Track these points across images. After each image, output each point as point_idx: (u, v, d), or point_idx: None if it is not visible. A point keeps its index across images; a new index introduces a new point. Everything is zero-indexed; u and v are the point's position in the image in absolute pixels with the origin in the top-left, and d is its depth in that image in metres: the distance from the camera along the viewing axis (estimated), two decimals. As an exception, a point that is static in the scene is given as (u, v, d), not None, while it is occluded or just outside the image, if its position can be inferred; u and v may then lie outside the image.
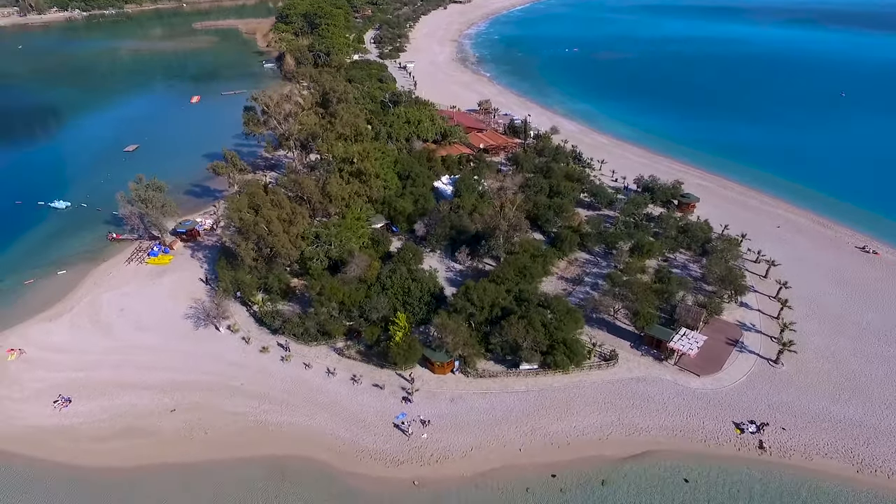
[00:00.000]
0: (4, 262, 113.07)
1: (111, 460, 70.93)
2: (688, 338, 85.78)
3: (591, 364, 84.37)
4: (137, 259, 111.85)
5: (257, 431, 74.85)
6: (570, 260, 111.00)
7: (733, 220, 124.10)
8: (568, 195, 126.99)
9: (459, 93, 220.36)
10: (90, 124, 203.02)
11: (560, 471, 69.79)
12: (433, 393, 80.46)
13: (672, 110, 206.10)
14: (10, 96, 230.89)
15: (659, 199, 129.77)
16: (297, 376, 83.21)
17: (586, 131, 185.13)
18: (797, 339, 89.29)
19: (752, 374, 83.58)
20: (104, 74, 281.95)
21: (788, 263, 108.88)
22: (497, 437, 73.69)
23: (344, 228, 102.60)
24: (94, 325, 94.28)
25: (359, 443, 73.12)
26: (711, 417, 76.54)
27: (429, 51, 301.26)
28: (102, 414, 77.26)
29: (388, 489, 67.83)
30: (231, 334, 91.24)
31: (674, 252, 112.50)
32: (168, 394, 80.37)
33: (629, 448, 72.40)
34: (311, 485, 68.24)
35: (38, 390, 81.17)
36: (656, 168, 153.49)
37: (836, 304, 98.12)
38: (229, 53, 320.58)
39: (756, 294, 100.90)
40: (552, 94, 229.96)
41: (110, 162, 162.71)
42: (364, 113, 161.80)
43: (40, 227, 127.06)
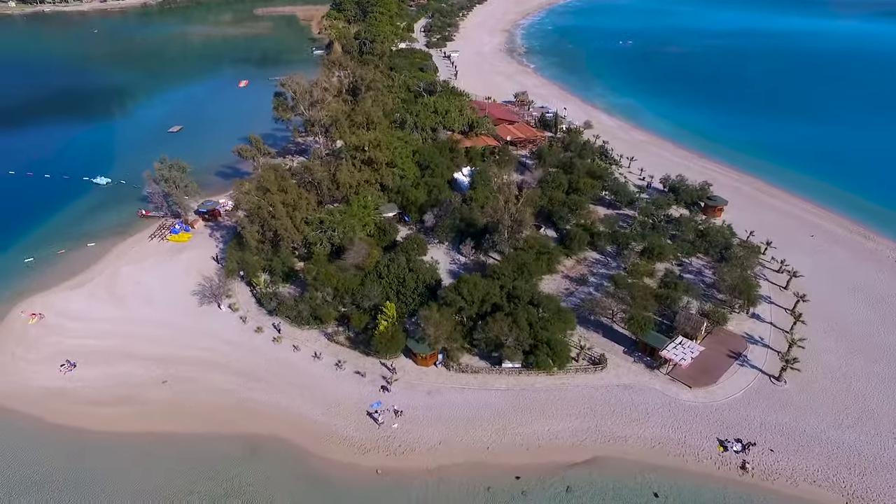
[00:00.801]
0: (44, 233, 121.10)
1: (103, 425, 75.14)
2: (683, 347, 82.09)
3: (577, 367, 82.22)
4: (160, 235, 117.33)
5: (238, 408, 77.40)
6: (579, 259, 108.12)
7: (764, 226, 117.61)
8: (586, 192, 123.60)
9: (501, 83, 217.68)
10: (143, 105, 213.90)
11: (525, 473, 68.59)
12: (412, 384, 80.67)
13: (723, 108, 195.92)
14: (78, 78, 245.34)
15: (683, 201, 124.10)
16: (284, 358, 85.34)
17: (624, 127, 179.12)
18: (808, 356, 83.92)
19: (750, 390, 79.13)
20: (166, 58, 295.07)
21: (817, 275, 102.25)
22: (467, 434, 73.16)
23: (349, 216, 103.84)
24: (109, 296, 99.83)
25: (331, 427, 74.37)
26: (695, 432, 73.11)
27: (477, 40, 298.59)
28: (101, 381, 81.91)
29: (352, 476, 68.73)
30: (231, 313, 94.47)
31: (690, 257, 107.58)
32: (163, 366, 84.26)
33: (601, 456, 70.26)
34: (278, 464, 70.04)
35: (49, 354, 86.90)
36: (690, 168, 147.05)
37: (861, 323, 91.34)
38: (284, 39, 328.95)
39: (772, 306, 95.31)
40: (596, 88, 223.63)
41: (154, 142, 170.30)
42: (394, 101, 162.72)
43: (81, 201, 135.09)
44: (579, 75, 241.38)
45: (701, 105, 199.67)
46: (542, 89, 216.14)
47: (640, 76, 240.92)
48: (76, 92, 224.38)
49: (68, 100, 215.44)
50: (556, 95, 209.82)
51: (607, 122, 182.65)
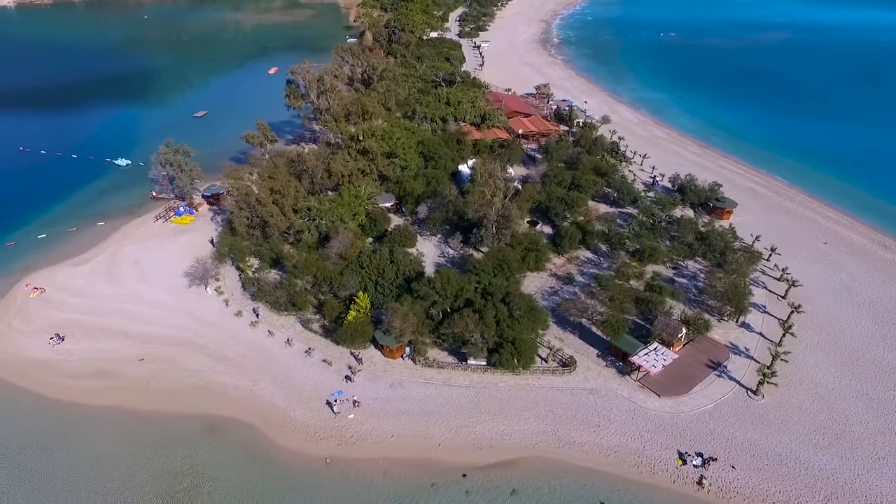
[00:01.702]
0: (62, 210, 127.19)
1: (76, 397, 78.52)
2: (655, 354, 79.08)
3: (544, 368, 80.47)
4: (165, 217, 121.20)
5: (205, 389, 79.45)
6: (570, 257, 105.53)
7: (775, 231, 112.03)
8: (588, 189, 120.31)
9: (527, 75, 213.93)
10: (175, 90, 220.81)
11: (473, 472, 67.82)
12: (377, 376, 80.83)
13: (763, 107, 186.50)
14: (120, 62, 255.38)
15: (690, 201, 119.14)
16: (257, 343, 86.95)
17: (646, 122, 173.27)
18: (794, 371, 79.75)
19: (724, 402, 75.64)
20: (206, 44, 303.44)
21: (823, 286, 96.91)
22: (421, 429, 72.82)
23: (337, 204, 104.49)
24: (107, 274, 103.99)
25: (290, 414, 75.41)
26: (655, 443, 70.48)
27: (512, 30, 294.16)
28: (84, 355, 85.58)
29: (302, 463, 69.57)
30: (216, 296, 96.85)
31: (688, 260, 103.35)
32: (143, 344, 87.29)
33: (552, 461, 68.69)
34: (232, 447, 71.60)
35: (43, 327, 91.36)
36: (708, 167, 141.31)
37: (860, 338, 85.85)
38: (322, 27, 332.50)
39: (765, 316, 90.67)
40: (626, 81, 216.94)
41: (179, 126, 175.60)
42: (409, 91, 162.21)
43: (100, 181, 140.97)
44: (611, 68, 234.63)
45: (738, 102, 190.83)
46: (569, 82, 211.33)
47: (676, 70, 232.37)
48: (115, 76, 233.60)
49: (107, 83, 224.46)
50: (581, 88, 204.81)
51: (630, 116, 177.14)
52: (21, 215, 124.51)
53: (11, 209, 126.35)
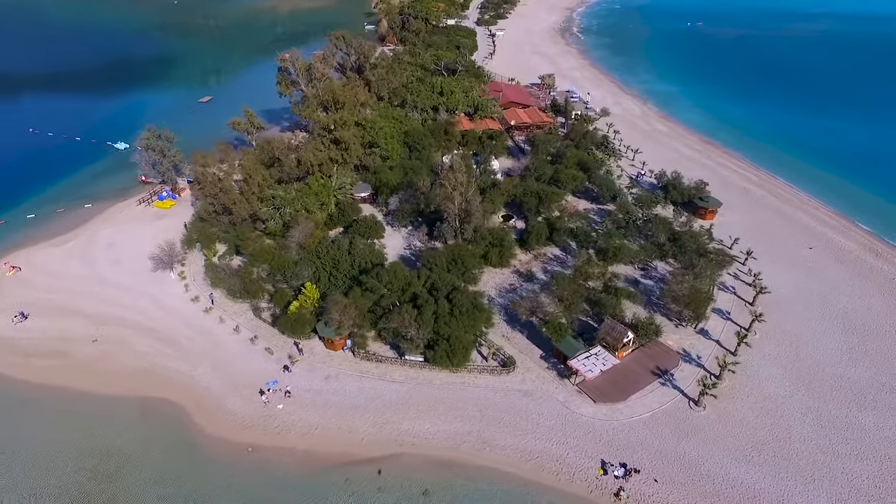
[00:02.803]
0: (55, 191, 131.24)
1: (29, 375, 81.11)
2: (596, 358, 76.57)
3: (482, 367, 78.95)
4: (147, 201, 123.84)
5: (149, 372, 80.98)
6: (537, 254, 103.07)
7: (759, 233, 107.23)
8: (568, 184, 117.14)
9: (537, 64, 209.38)
10: (185, 75, 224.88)
11: (389, 470, 67.25)
12: (314, 367, 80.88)
13: (782, 103, 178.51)
14: (138, 46, 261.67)
15: (672, 200, 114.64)
16: (207, 328, 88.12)
17: (650, 115, 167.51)
18: (744, 383, 76.24)
19: (661, 411, 72.76)
20: (225, 31, 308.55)
21: (797, 294, 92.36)
22: (347, 422, 72.59)
23: (304, 194, 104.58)
24: (81, 255, 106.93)
25: (222, 400, 76.26)
26: (581, 450, 68.40)
27: (533, 18, 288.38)
28: (42, 333, 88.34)
29: (224, 449, 70.33)
30: (179, 281, 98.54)
31: (659, 261, 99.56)
32: (99, 325, 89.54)
33: (470, 463, 67.45)
34: (163, 430, 72.84)
35: (11, 304, 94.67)
36: (705, 164, 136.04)
37: (823, 351, 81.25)
38: (344, 13, 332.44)
39: (727, 323, 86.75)
40: (640, 72, 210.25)
41: (182, 110, 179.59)
42: (408, 80, 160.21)
43: (97, 163, 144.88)
44: (627, 58, 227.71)
45: (757, 97, 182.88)
46: (579, 72, 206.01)
47: (696, 62, 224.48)
48: (132, 60, 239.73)
49: (123, 67, 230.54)
50: (590, 79, 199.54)
51: (634, 109, 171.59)
52: (17, 194, 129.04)
53: (10, 188, 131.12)
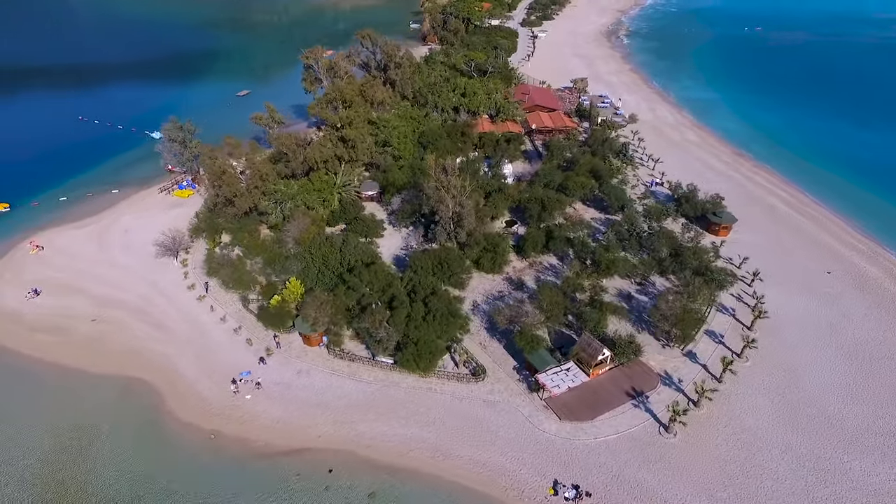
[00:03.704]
0: (89, 176, 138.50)
1: (27, 348, 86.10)
2: (566, 374, 74.17)
3: (451, 373, 77.92)
4: (168, 190, 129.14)
5: (136, 354, 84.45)
6: (533, 262, 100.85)
7: (775, 253, 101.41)
8: (576, 191, 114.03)
9: (574, 68, 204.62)
10: (228, 69, 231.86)
11: (340, 469, 67.51)
12: (289, 361, 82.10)
13: (833, 113, 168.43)
14: (190, 40, 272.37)
15: (684, 213, 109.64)
16: (196, 316, 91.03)
17: (683, 124, 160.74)
18: (725, 412, 72.25)
19: (628, 435, 69.69)
20: (277, 26, 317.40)
21: (804, 321, 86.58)
22: (308, 418, 73.34)
23: (306, 190, 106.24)
24: (99, 239, 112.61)
25: (195, 386, 78.60)
26: (535, 468, 66.45)
27: (581, 20, 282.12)
28: (48, 310, 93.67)
29: (188, 433, 72.49)
30: (180, 268, 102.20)
31: (660, 276, 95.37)
32: (100, 305, 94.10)
33: (420, 470, 66.80)
34: (138, 410, 75.73)
35: (27, 281, 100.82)
36: (731, 176, 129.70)
37: (820, 384, 75.77)
38: (393, 11, 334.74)
39: (719, 346, 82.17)
40: (683, 78, 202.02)
41: (220, 103, 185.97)
42: (435, 80, 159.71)
43: (132, 151, 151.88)
44: (672, 63, 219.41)
45: (806, 108, 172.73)
46: (616, 76, 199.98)
47: (746, 68, 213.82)
48: (183, 53, 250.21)
49: (172, 60, 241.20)
50: (628, 83, 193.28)
51: (667, 116, 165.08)
52: (56, 177, 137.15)
53: (51, 171, 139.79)
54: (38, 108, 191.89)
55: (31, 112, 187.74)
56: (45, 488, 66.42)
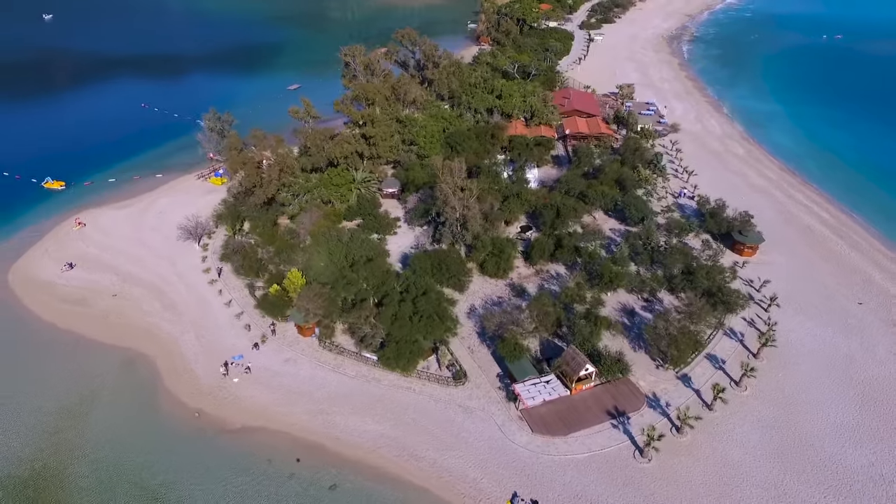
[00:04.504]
0: (139, 159, 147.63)
1: (52, 317, 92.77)
2: (544, 386, 72.54)
3: (433, 375, 77.82)
4: (205, 177, 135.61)
5: (144, 330, 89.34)
6: (539, 269, 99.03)
7: (803, 278, 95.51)
8: (596, 200, 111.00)
9: (626, 73, 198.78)
10: (284, 64, 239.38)
11: (308, 459, 68.94)
12: (280, 349, 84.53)
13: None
14: (255, 34, 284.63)
15: (709, 229, 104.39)
16: (204, 298, 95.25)
17: (731, 136, 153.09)
18: (708, 441, 68.68)
19: (601, 455, 67.40)
20: (354, 22, 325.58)
21: (820, 352, 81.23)
22: (287, 406, 75.29)
23: (323, 184, 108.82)
24: (135, 219, 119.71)
25: (191, 365, 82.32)
26: (497, 478, 65.43)
27: (643, 24, 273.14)
28: (77, 283, 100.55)
29: (176, 409, 76.06)
30: (200, 252, 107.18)
31: (670, 294, 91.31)
32: (122, 282, 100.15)
33: (383, 468, 67.28)
34: (136, 383, 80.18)
35: (65, 255, 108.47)
36: (772, 195, 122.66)
37: (822, 422, 70.59)
38: (454, 10, 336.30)
39: (718, 372, 77.90)
40: (743, 88, 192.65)
41: (270, 96, 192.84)
42: (475, 80, 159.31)
43: (181, 138, 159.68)
44: (734, 71, 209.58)
45: (872, 123, 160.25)
46: (669, 83, 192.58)
47: (817, 80, 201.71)
48: (247, 47, 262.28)
49: (237, 52, 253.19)
50: (680, 91, 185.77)
51: (715, 128, 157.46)
52: (110, 160, 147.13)
53: (107, 154, 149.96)
54: (109, 94, 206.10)
55: (102, 98, 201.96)
56: (43, 448, 71.38)
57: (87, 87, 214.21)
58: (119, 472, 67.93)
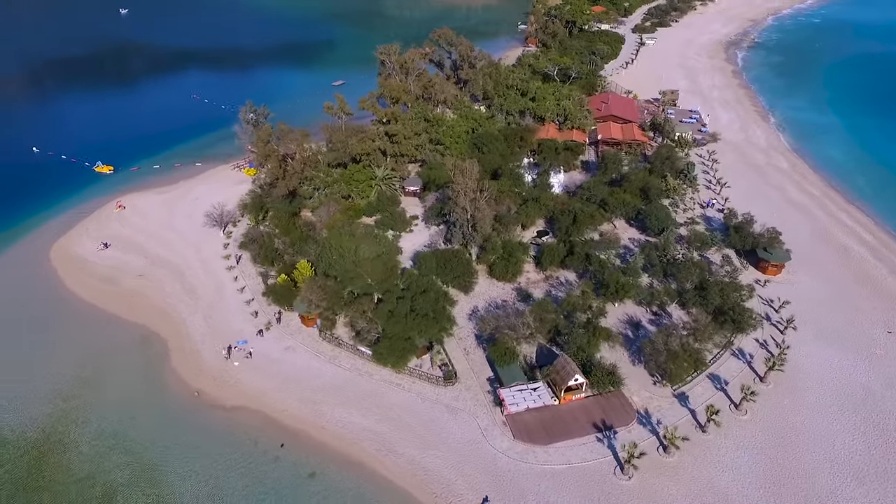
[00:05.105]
0: (183, 148, 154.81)
1: (82, 292, 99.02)
2: (531, 393, 71.73)
3: (424, 373, 78.23)
4: (240, 167, 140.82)
5: (161, 311, 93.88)
6: (549, 275, 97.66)
7: (830, 302, 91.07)
8: (617, 208, 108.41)
9: (673, 79, 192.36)
10: (333, 59, 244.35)
11: (291, 444, 70.89)
12: (282, 337, 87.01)
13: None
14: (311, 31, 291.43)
15: (732, 244, 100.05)
16: (220, 283, 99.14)
17: (775, 148, 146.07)
18: (696, 463, 66.30)
19: (580, 468, 66.15)
20: (410, 21, 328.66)
21: (835, 381, 77.02)
22: (280, 391, 77.63)
23: (344, 180, 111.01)
24: (171, 205, 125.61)
25: (198, 347, 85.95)
26: (471, 481, 65.33)
27: (701, 28, 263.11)
28: (109, 262, 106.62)
29: (179, 387, 79.69)
30: (224, 239, 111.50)
31: (683, 308, 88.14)
32: (150, 264, 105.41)
33: (360, 461, 68.48)
34: (144, 357, 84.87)
35: (103, 235, 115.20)
36: (811, 212, 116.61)
37: (825, 456, 66.88)
38: (512, 12, 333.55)
39: (719, 393, 74.81)
40: (799, 98, 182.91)
41: (315, 91, 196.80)
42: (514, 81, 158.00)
43: (225, 128, 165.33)
44: (792, 80, 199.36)
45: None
46: (718, 91, 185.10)
47: (885, 92, 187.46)
48: (301, 43, 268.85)
49: (290, 48, 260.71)
50: (728, 99, 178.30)
51: (760, 139, 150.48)
52: (157, 147, 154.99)
53: (155, 141, 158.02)
54: (167, 84, 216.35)
55: (160, 88, 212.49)
56: (54, 413, 76.23)
57: (149, 77, 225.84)
58: (117, 441, 72.02)
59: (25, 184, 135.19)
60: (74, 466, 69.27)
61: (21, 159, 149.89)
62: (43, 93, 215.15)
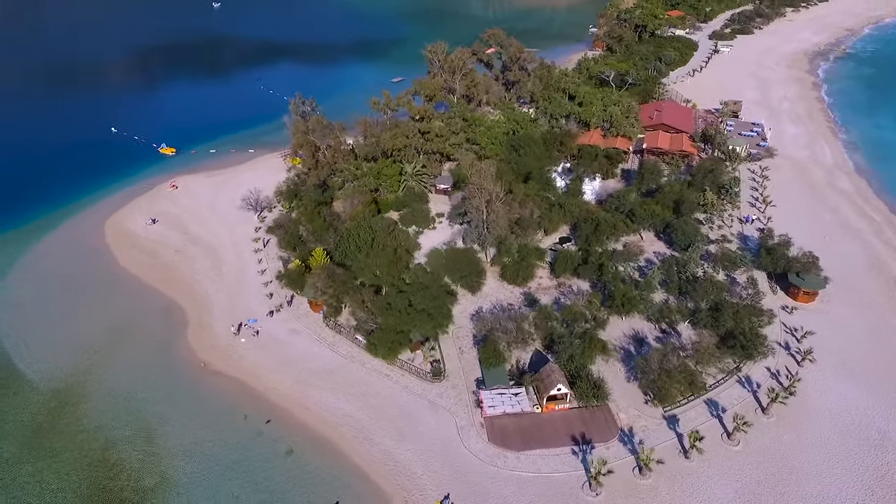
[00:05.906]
0: (239, 135, 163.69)
1: (127, 263, 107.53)
2: (511, 398, 71.14)
3: (413, 368, 79.26)
4: (287, 156, 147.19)
5: (188, 284, 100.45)
6: (561, 282, 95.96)
7: (860, 335, 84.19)
8: (644, 220, 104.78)
9: (744, 89, 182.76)
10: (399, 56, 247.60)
11: (277, 421, 74.12)
12: (288, 319, 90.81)
13: None
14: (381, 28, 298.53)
15: (764, 267, 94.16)
16: (245, 264, 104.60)
17: (839, 168, 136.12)
18: (674, 489, 63.25)
19: (549, 479, 65.12)
20: (491, 20, 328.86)
21: (851, 419, 71.04)
22: (277, 371, 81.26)
23: (372, 174, 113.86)
24: (219, 188, 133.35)
25: (213, 322, 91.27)
26: (437, 478, 65.85)
27: (786, 37, 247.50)
28: (154, 237, 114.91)
29: (189, 358, 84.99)
30: (258, 223, 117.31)
31: (694, 328, 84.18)
32: (188, 242, 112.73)
33: (338, 446, 70.49)
34: (164, 324, 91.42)
35: (153, 211, 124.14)
36: (866, 240, 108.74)
37: (813, 498, 62.07)
38: (579, 14, 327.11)
39: (712, 420, 70.95)
40: (880, 116, 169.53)
41: (374, 86, 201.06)
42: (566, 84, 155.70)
43: (280, 118, 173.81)
44: (880, 95, 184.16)
45: None
46: (789, 103, 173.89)
47: None
48: (372, 39, 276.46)
49: (361, 44, 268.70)
50: (799, 113, 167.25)
51: (825, 158, 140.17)
52: (218, 133, 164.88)
53: (217, 126, 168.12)
54: (239, 75, 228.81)
55: (233, 77, 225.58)
56: (78, 366, 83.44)
57: (226, 67, 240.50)
58: (126, 400, 78.04)
59: (98, 160, 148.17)
60: (86, 418, 75.79)
61: (100, 137, 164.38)
62: (131, 77, 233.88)
